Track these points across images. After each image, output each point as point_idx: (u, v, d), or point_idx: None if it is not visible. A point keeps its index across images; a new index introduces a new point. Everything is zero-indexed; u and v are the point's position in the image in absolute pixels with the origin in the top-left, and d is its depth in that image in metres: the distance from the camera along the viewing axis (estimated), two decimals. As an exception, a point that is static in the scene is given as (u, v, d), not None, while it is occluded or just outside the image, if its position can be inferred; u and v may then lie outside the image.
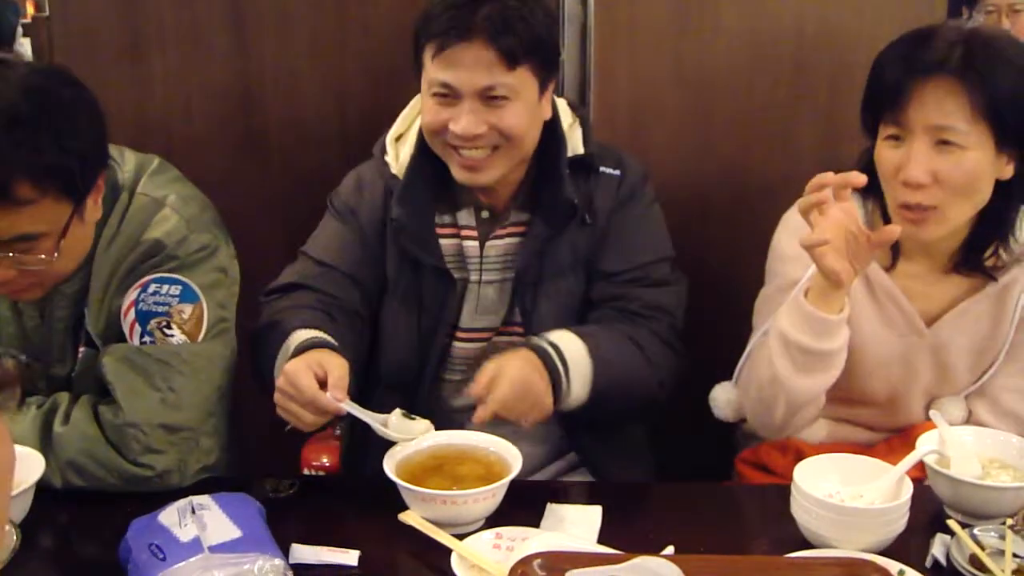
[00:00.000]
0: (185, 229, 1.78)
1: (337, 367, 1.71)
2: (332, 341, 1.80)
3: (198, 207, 1.84)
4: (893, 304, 1.93)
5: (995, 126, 1.74)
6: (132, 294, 1.75)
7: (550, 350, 1.83)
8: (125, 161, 1.84)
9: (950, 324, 1.93)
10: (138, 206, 1.79)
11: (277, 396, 1.71)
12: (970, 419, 1.95)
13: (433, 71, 1.88)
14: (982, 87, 1.72)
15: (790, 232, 1.96)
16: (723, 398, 2.06)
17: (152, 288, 1.75)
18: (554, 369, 1.81)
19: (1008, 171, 1.80)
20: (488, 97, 1.86)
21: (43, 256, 1.63)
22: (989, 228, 1.87)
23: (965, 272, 1.92)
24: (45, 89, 1.61)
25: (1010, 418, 1.94)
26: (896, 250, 1.93)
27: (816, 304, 1.79)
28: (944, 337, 1.94)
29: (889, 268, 1.93)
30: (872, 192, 1.89)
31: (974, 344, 1.95)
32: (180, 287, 1.76)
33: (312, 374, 1.68)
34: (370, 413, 1.74)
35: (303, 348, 1.76)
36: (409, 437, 1.74)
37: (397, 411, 1.76)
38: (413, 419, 1.76)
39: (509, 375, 1.74)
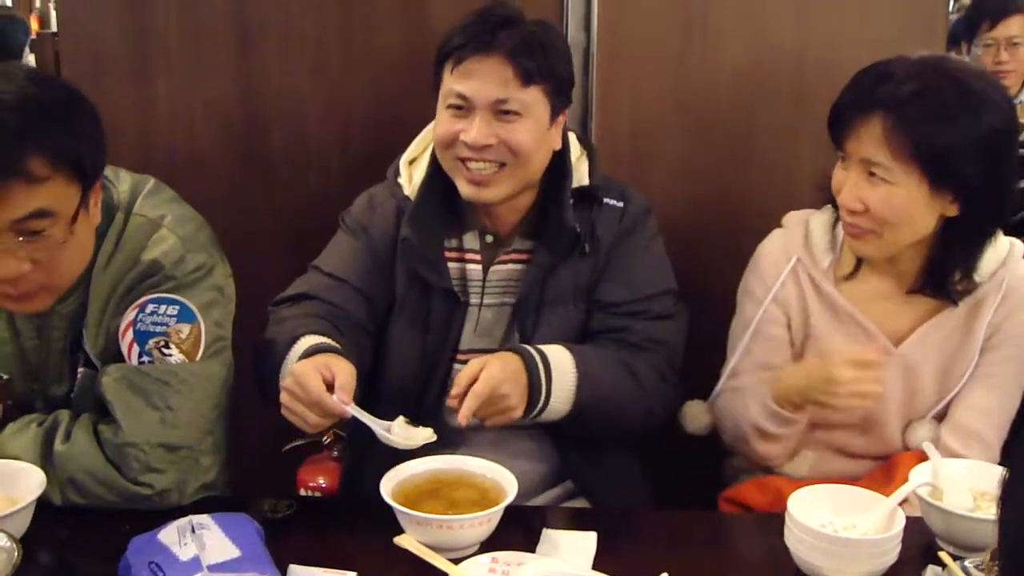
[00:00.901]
0: (182, 249, 1.79)
1: (344, 371, 1.72)
2: (339, 347, 1.82)
3: (194, 227, 1.85)
4: (857, 327, 1.98)
5: (924, 168, 1.80)
6: (130, 314, 1.76)
7: (536, 355, 1.86)
8: (120, 181, 1.85)
9: (918, 343, 1.97)
10: (135, 226, 1.80)
11: (283, 396, 1.72)
12: (937, 442, 1.97)
13: (450, 83, 1.92)
14: (906, 132, 1.79)
15: (756, 274, 2.07)
16: (697, 412, 2.14)
17: (150, 308, 1.76)
18: (535, 372, 1.84)
19: (953, 209, 1.85)
20: (500, 111, 1.90)
21: (56, 236, 1.63)
22: (945, 260, 1.92)
23: (929, 294, 1.96)
24: (48, 82, 1.67)
25: (975, 439, 1.96)
26: (858, 261, 1.99)
27: (781, 405, 1.93)
28: (912, 358, 1.98)
29: (850, 276, 2.00)
30: None
31: (941, 364, 1.98)
32: (178, 307, 1.77)
33: (320, 376, 1.69)
34: (373, 418, 1.75)
35: (311, 352, 1.77)
36: (411, 443, 1.75)
37: (400, 418, 1.78)
38: (416, 427, 1.77)
39: (484, 377, 1.77)
